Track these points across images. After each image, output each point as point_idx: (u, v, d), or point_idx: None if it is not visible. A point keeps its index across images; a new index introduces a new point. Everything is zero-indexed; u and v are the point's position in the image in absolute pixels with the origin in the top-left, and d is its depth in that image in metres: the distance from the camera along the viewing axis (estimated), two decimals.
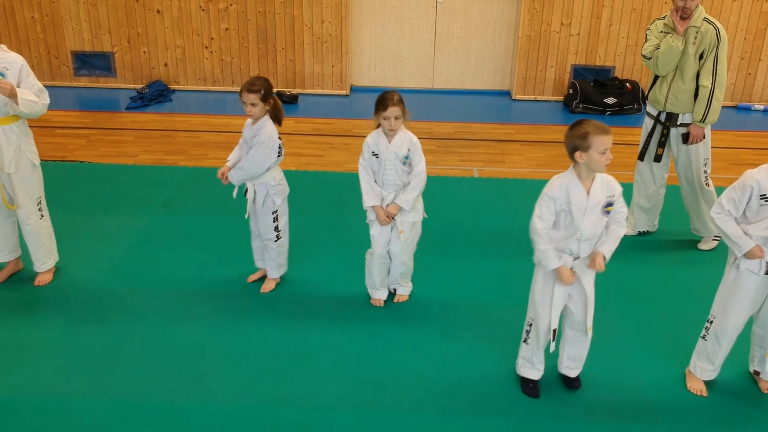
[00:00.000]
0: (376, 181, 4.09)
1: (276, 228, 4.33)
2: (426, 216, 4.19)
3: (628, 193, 3.89)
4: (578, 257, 3.31)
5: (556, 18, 8.18)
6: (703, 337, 3.60)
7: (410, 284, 4.39)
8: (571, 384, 3.65)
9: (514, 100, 8.59)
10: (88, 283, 4.47)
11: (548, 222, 3.26)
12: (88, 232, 5.07)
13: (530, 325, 3.51)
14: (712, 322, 3.55)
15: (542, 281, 3.40)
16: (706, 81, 4.70)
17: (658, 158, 5.02)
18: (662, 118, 4.93)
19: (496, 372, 3.73)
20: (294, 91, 8.47)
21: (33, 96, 4.08)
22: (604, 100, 8.03)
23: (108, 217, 5.33)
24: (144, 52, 8.45)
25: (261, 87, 4.04)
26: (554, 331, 3.46)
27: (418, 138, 4.04)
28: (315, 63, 8.47)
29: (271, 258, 4.41)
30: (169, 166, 6.36)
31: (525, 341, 3.56)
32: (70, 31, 8.40)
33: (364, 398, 3.52)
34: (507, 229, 5.26)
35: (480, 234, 5.25)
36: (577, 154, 3.16)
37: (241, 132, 4.40)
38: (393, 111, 3.89)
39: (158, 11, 8.26)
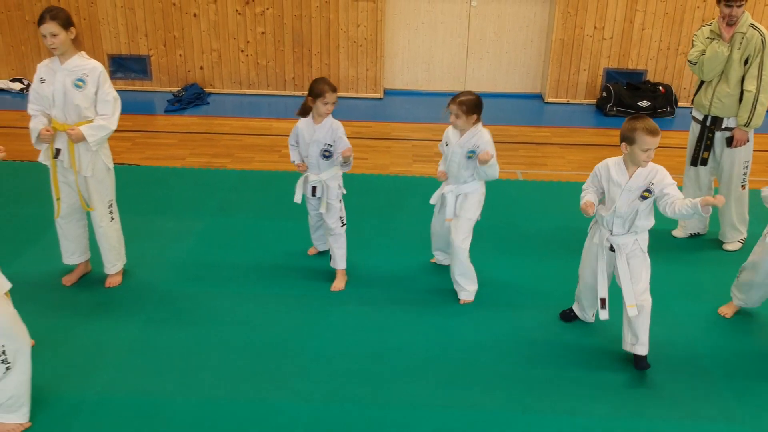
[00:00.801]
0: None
1: (341, 218, 4.48)
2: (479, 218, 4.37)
3: None
4: (611, 231, 3.70)
5: (590, 22, 8.27)
6: None
7: (470, 288, 4.45)
8: (637, 363, 3.81)
9: (547, 102, 8.67)
10: (157, 285, 4.54)
11: (590, 188, 3.81)
12: (150, 234, 5.14)
13: (579, 281, 4.12)
14: None
15: (586, 248, 3.97)
16: (750, 86, 4.78)
17: (704, 162, 5.10)
18: (707, 122, 5.01)
19: (570, 371, 3.81)
20: None
21: (97, 125, 4.11)
22: (638, 104, 8.11)
23: (166, 219, 5.40)
24: (180, 55, 8.52)
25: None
26: (602, 300, 3.83)
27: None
28: (350, 66, 8.55)
29: (339, 246, 4.50)
30: (218, 169, 6.43)
31: (578, 288, 4.16)
32: (107, 34, 8.47)
33: (450, 398, 3.59)
34: (566, 230, 5.34)
35: (542, 235, 5.32)
36: (623, 145, 3.60)
37: (282, 135, 4.44)
38: (452, 108, 4.11)
39: (195, 15, 8.33)
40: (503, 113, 8.31)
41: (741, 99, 4.83)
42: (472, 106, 4.10)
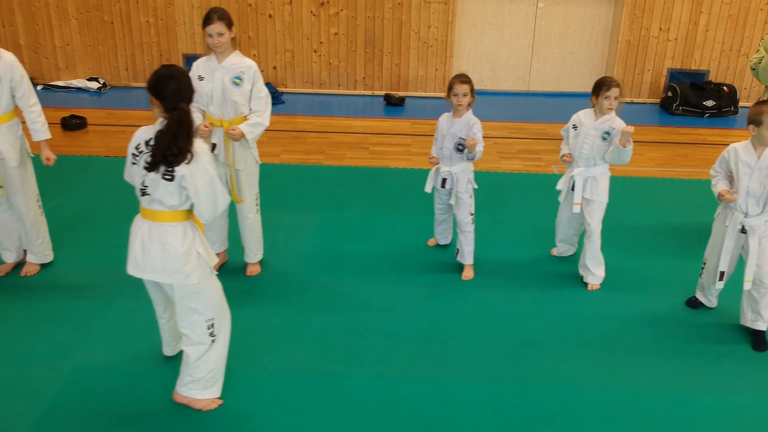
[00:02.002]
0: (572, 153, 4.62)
1: (471, 213, 4.66)
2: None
3: None
4: (746, 213, 3.96)
5: (655, 23, 8.49)
6: None
7: (599, 273, 4.68)
8: (755, 341, 4.06)
9: None
10: (294, 274, 4.75)
11: (719, 175, 4.10)
12: (272, 227, 5.32)
13: (704, 263, 4.34)
14: None
15: (715, 230, 4.19)
16: None
17: None
18: None
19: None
20: (400, 93, 8.76)
21: (253, 122, 4.31)
22: (703, 103, 8.33)
23: (282, 213, 5.60)
24: (254, 55, 8.73)
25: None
26: (721, 273, 4.17)
27: (534, 139, 4.39)
28: (419, 66, 8.77)
29: (468, 243, 4.71)
30: (315, 166, 6.64)
31: (701, 275, 4.39)
32: (183, 34, 8.68)
33: (605, 378, 3.80)
34: (670, 227, 5.56)
35: (645, 231, 5.53)
36: (751, 127, 3.89)
37: (364, 132, 4.63)
38: (614, 92, 4.40)
39: (270, 16, 8.54)
40: (571, 112, 8.51)
41: None
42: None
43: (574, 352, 4.00)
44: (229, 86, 4.27)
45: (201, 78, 4.36)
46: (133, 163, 3.22)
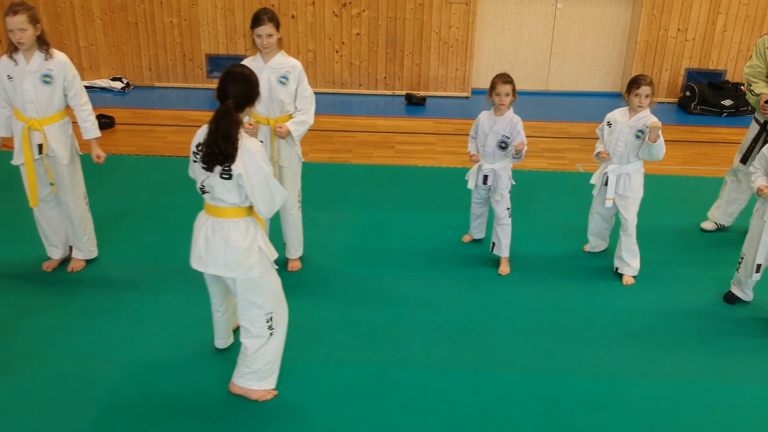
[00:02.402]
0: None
1: (508, 208, 4.77)
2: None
3: None
4: None
5: (674, 24, 8.60)
6: None
7: (634, 264, 4.80)
8: None
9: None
10: (335, 270, 4.85)
11: (759, 171, 4.30)
12: (308, 223, 5.40)
13: (741, 258, 4.47)
14: None
15: (753, 225, 4.35)
16: None
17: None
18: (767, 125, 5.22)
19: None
20: (420, 93, 8.86)
21: (298, 120, 4.42)
22: (721, 102, 8.44)
23: (316, 210, 5.68)
24: None
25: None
26: (758, 265, 4.32)
27: (557, 138, 4.50)
28: (440, 66, 8.87)
29: (506, 236, 4.81)
30: (343, 164, 6.74)
31: (737, 270, 4.50)
32: (206, 35, 8.78)
33: (651, 369, 3.90)
34: (697, 223, 5.67)
35: (673, 227, 5.64)
36: None
37: (389, 132, 4.73)
38: (644, 90, 4.46)
39: (293, 16, 8.64)
40: (591, 111, 8.63)
41: None
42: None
43: (614, 344, 4.11)
44: (275, 85, 4.36)
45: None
46: (194, 161, 3.32)
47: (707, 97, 8.48)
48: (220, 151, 3.15)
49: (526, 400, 3.64)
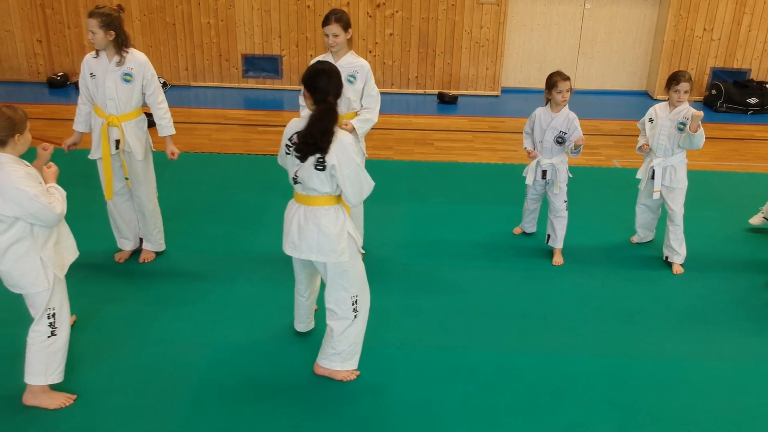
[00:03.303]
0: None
1: (565, 201, 4.96)
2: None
3: None
4: None
5: (700, 24, 8.80)
6: None
7: (683, 252, 5.01)
8: None
9: (655, 99, 9.19)
10: (395, 260, 5.05)
11: None
12: (365, 217, 5.63)
13: None
14: None
15: None
16: None
17: None
18: None
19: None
20: (452, 92, 9.06)
21: (364, 118, 4.64)
22: (747, 101, 8.64)
23: (368, 204, 5.84)
24: (311, 55, 9.02)
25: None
26: None
27: (590, 134, 4.80)
28: (471, 66, 9.07)
29: (562, 228, 5.01)
30: (386, 160, 6.93)
31: None
32: (243, 35, 8.98)
33: (702, 351, 4.10)
34: (736, 216, 5.86)
35: (714, 220, 5.84)
36: None
37: (426, 129, 4.93)
38: (683, 86, 4.70)
39: None
40: (618, 108, 8.85)
41: None
42: None
43: (673, 329, 4.31)
44: (344, 83, 4.53)
45: None
46: (287, 153, 3.51)
47: (733, 95, 8.68)
48: (314, 143, 3.34)
49: (595, 381, 3.83)
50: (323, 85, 3.42)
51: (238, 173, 6.61)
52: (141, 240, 4.99)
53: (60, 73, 9.16)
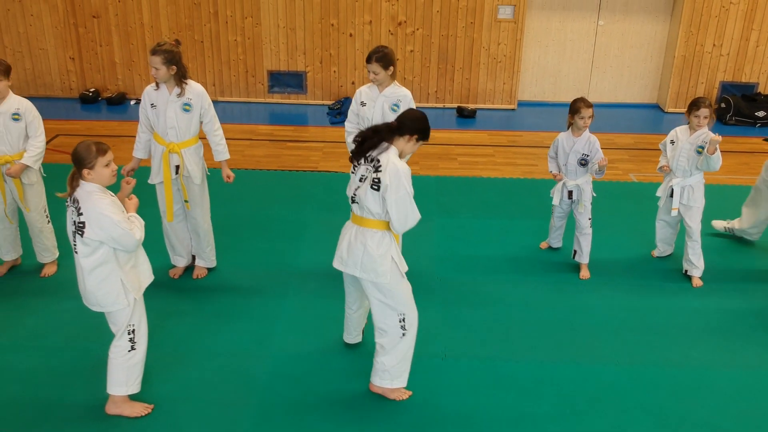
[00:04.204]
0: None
1: (590, 218, 5.30)
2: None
3: None
4: None
5: (709, 40, 9.13)
6: None
7: (701, 266, 5.33)
8: None
9: (666, 112, 9.52)
10: (433, 274, 5.37)
11: None
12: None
13: None
14: None
15: None
16: None
17: None
18: None
19: None
20: (471, 106, 9.39)
21: None
22: (755, 114, 8.97)
23: (425, 224, 6.18)
24: (334, 71, 9.36)
25: None
26: None
27: (605, 148, 5.21)
28: (488, 80, 9.40)
29: (587, 244, 5.33)
30: (414, 176, 7.20)
31: None
32: (268, 52, 9.31)
33: (725, 360, 4.43)
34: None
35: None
36: None
37: (444, 144, 5.25)
38: (703, 111, 5.05)
39: (351, 35, 9.17)
40: (631, 122, 9.18)
41: None
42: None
43: (696, 339, 4.64)
44: (387, 111, 4.87)
45: (363, 104, 4.97)
46: (352, 173, 3.83)
47: (741, 108, 9.01)
48: (362, 141, 3.68)
49: (626, 388, 4.17)
50: (402, 116, 3.81)
51: (273, 189, 6.94)
52: (193, 257, 5.32)
53: (92, 89, 9.49)
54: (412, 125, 3.74)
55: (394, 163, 3.68)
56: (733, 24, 9.06)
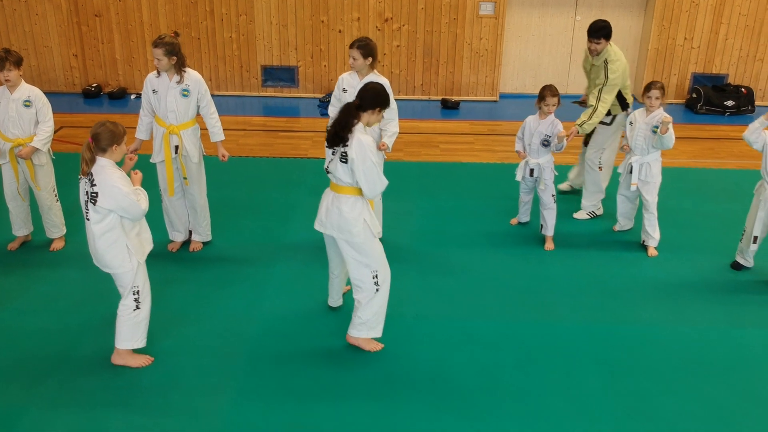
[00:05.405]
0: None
1: (553, 195, 5.78)
2: None
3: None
4: None
5: (681, 33, 9.61)
6: None
7: (657, 236, 5.81)
8: None
9: (640, 103, 9.95)
10: (411, 247, 5.85)
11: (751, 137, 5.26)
12: (383, 211, 6.42)
13: (744, 230, 5.44)
14: None
15: (754, 203, 5.28)
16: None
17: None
18: None
19: None
20: (455, 98, 9.87)
21: (391, 133, 5.41)
22: (724, 103, 9.44)
23: (387, 201, 6.59)
24: (324, 65, 9.83)
25: None
26: (754, 237, 5.32)
27: (581, 135, 5.71)
28: (471, 74, 9.88)
29: (552, 217, 5.81)
30: (398, 162, 7.72)
31: (741, 241, 5.50)
32: (262, 48, 9.78)
33: (676, 318, 4.90)
34: (708, 207, 6.68)
35: (687, 211, 6.64)
36: None
37: (428, 133, 5.71)
38: (653, 93, 5.52)
39: (340, 31, 9.65)
40: None
41: None
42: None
43: (647, 301, 5.12)
44: None
45: (345, 90, 5.43)
46: (326, 147, 4.29)
47: (712, 98, 9.48)
48: (335, 132, 4.14)
49: (581, 343, 4.64)
50: (359, 93, 4.23)
51: (266, 174, 7.41)
52: (190, 232, 5.78)
53: (94, 85, 9.96)
54: (372, 99, 4.18)
55: (359, 137, 4.12)
56: (703, 18, 9.53)
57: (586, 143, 6.54)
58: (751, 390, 4.22)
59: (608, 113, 6.15)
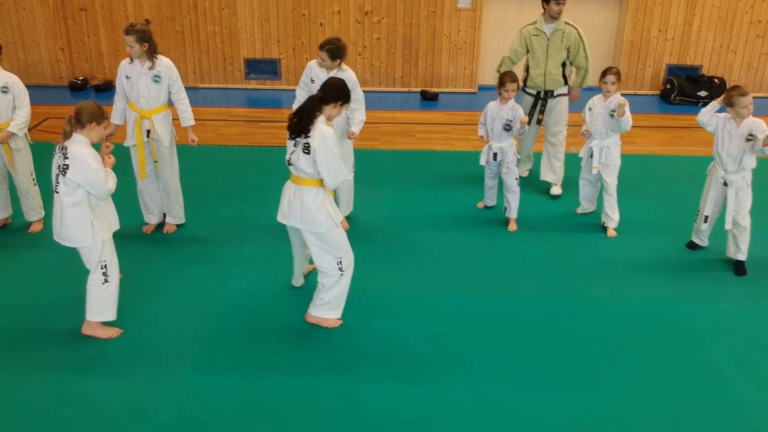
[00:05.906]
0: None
1: (516, 178, 5.95)
2: None
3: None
4: (726, 170, 5.24)
5: (655, 25, 9.80)
6: None
7: (616, 218, 6.00)
8: (737, 268, 5.37)
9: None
10: (380, 229, 6.03)
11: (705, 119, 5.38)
12: (354, 196, 6.60)
13: (699, 211, 5.61)
14: None
15: (706, 184, 5.46)
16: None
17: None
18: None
19: None
20: (434, 89, 10.06)
21: (357, 121, 5.72)
22: (698, 93, 9.63)
23: (360, 186, 6.75)
24: (306, 58, 10.02)
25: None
26: (706, 216, 5.50)
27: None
28: (450, 66, 10.07)
29: (515, 200, 5.99)
30: (372, 150, 7.92)
31: (696, 221, 5.68)
32: (245, 41, 9.97)
33: (624, 293, 5.09)
34: (672, 191, 6.86)
35: (652, 195, 6.84)
36: (728, 108, 5.20)
37: (406, 123, 5.91)
38: (609, 78, 5.74)
39: (321, 24, 9.84)
40: (580, 103, 9.79)
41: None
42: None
43: (602, 278, 5.32)
44: None
45: (313, 81, 5.62)
46: (288, 139, 4.47)
47: (685, 89, 9.67)
48: (298, 121, 4.31)
49: (532, 315, 4.83)
50: (322, 87, 4.41)
51: (244, 162, 7.60)
52: (164, 215, 5.98)
53: (80, 78, 10.15)
54: (334, 94, 4.36)
55: (321, 129, 4.30)
56: (676, 11, 9.72)
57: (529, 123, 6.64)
58: (691, 357, 4.42)
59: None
